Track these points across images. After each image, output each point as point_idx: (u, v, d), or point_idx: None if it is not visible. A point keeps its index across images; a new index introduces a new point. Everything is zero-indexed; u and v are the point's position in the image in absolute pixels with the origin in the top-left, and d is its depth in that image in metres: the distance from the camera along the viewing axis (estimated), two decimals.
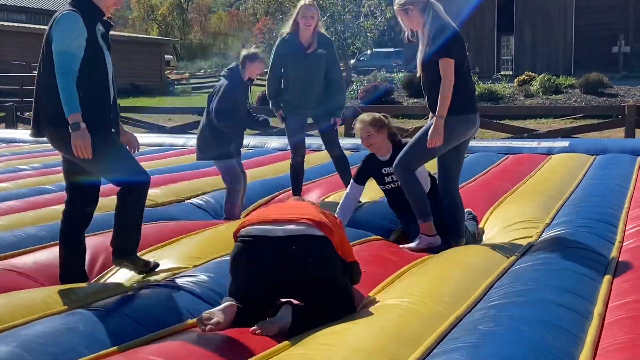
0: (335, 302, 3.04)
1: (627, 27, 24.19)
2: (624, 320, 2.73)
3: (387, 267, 3.90)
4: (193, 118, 16.74)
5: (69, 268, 3.71)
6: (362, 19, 27.05)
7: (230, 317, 2.92)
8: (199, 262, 3.91)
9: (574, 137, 10.85)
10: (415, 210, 4.52)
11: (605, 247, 4.04)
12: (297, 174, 6.05)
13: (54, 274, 3.77)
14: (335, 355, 2.46)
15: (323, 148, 6.50)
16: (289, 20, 5.91)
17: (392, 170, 4.68)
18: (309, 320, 2.92)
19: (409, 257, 4.17)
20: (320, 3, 24.40)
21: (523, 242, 4.31)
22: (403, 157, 4.47)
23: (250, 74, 5.48)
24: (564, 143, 8.87)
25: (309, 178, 6.78)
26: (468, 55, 4.44)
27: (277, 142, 10.34)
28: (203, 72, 43.84)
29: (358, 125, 4.90)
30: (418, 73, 4.47)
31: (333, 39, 6.08)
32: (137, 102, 26.22)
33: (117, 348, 2.77)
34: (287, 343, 2.76)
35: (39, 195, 6.09)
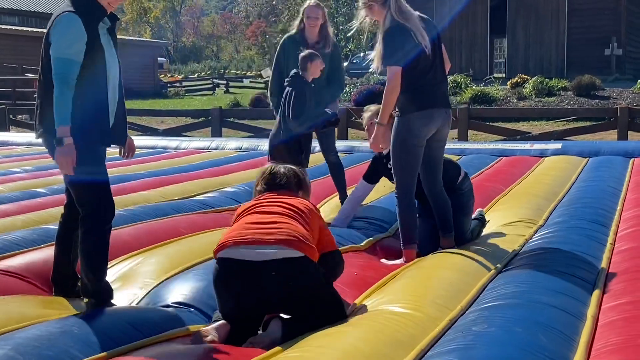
0: (324, 311, 3.03)
1: (619, 29, 24.28)
2: (617, 322, 2.74)
3: (379, 270, 3.90)
4: (186, 120, 16.76)
5: (61, 269, 3.63)
6: (355, 21, 27.06)
7: (224, 335, 2.93)
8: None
9: (567, 139, 10.90)
10: (400, 234, 4.44)
11: (598, 249, 4.05)
12: None
13: (45, 274, 3.74)
14: (330, 358, 2.46)
15: (316, 150, 6.48)
16: (296, 20, 5.93)
17: None
18: (299, 332, 2.91)
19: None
20: None
21: (516, 243, 4.31)
22: (396, 185, 4.40)
23: (314, 74, 5.43)
24: (557, 145, 8.90)
25: None
26: (426, 51, 4.19)
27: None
28: (196, 74, 43.83)
29: (365, 114, 4.83)
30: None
31: None
32: (129, 104, 26.00)
33: (107, 353, 2.75)
34: (279, 348, 2.75)
35: (32, 199, 6.06)
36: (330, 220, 4.96)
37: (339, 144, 6.46)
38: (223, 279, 2.96)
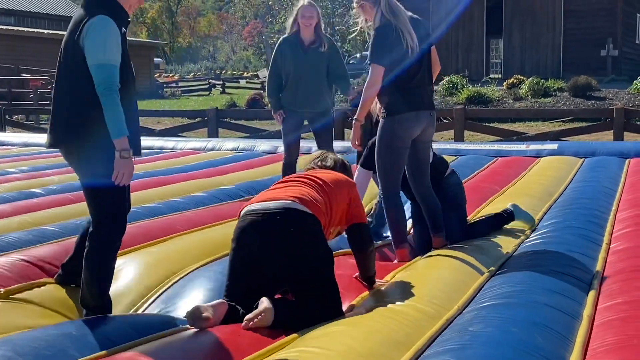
0: (319, 295, 3.08)
1: (615, 30, 24.32)
2: (613, 322, 2.74)
3: (377, 272, 3.90)
4: (182, 121, 16.73)
5: (75, 262, 3.48)
6: (351, 22, 27.11)
7: (220, 314, 2.96)
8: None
9: (563, 140, 10.91)
10: (392, 236, 4.45)
11: (594, 249, 4.06)
12: (289, 173, 6.02)
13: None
14: (326, 358, 2.46)
15: (313, 150, 6.49)
16: (289, 20, 5.94)
17: None
18: (291, 307, 3.00)
19: (399, 265, 4.17)
20: None
21: (512, 244, 4.32)
22: (380, 186, 4.41)
23: None
24: (553, 146, 8.91)
25: None
26: (414, 53, 4.17)
27: (266, 144, 10.35)
28: (192, 75, 43.80)
29: (377, 106, 4.64)
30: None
31: None
32: None
33: (106, 352, 2.76)
34: (278, 344, 2.76)
35: (28, 199, 6.05)
36: None
37: (336, 145, 6.46)
38: (237, 229, 3.17)
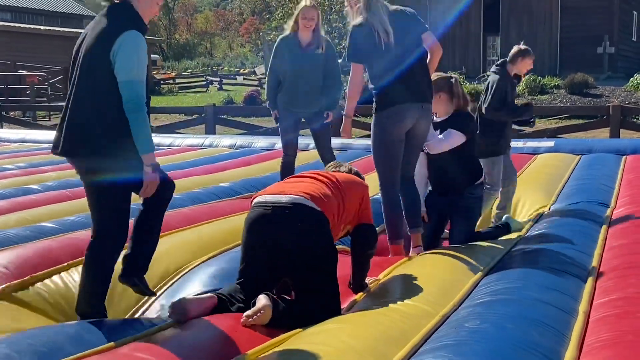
0: (319, 290, 3.12)
1: (611, 28, 24.34)
2: (608, 318, 2.75)
3: (371, 270, 3.91)
4: (179, 118, 16.74)
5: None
6: (348, 19, 27.06)
7: (206, 309, 3.03)
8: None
9: (560, 137, 10.93)
10: (387, 231, 4.44)
11: (590, 245, 4.06)
12: (287, 173, 6.03)
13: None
14: (324, 354, 2.47)
15: (311, 147, 6.49)
16: (290, 20, 5.93)
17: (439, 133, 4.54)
18: (290, 306, 3.02)
19: (394, 260, 4.18)
20: None
21: (508, 240, 4.33)
22: (379, 180, 4.41)
23: (520, 70, 5.35)
24: (550, 143, 8.92)
25: None
26: (389, 49, 4.16)
27: (263, 141, 10.35)
28: (189, 71, 43.74)
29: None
30: None
31: None
32: None
33: (114, 343, 2.77)
34: (275, 341, 2.77)
35: (25, 195, 6.05)
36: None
37: (334, 142, 6.45)
38: (248, 219, 3.26)
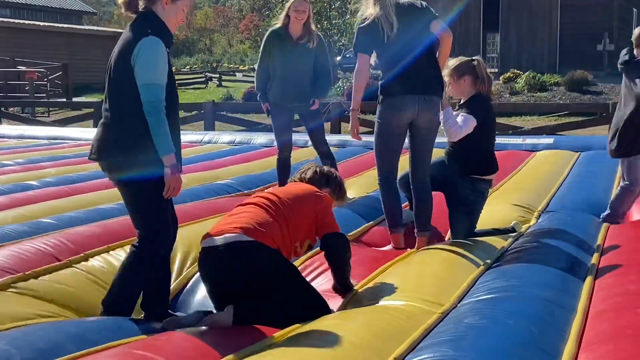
0: (287, 299, 3.15)
1: (611, 25, 24.33)
2: (608, 314, 2.75)
3: (370, 264, 3.91)
4: (180, 114, 16.72)
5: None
6: (348, 16, 27.08)
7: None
8: None
9: (559, 134, 10.92)
10: (386, 220, 4.49)
11: (589, 242, 4.07)
12: (283, 170, 6.05)
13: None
14: (320, 350, 2.47)
15: (309, 144, 6.50)
16: (282, 14, 5.93)
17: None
18: (259, 318, 3.03)
19: (394, 255, 4.18)
20: None
21: (507, 237, 4.32)
22: (377, 170, 4.48)
23: None
24: (549, 140, 8.93)
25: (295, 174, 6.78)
26: (394, 41, 4.20)
27: (263, 138, 10.35)
28: (189, 68, 43.68)
29: (445, 71, 4.49)
30: None
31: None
32: None
33: (103, 346, 2.77)
34: (275, 337, 2.77)
35: (23, 191, 6.05)
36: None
37: (332, 138, 6.47)
38: (198, 264, 3.32)
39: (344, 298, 3.41)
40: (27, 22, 33.28)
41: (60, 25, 34.79)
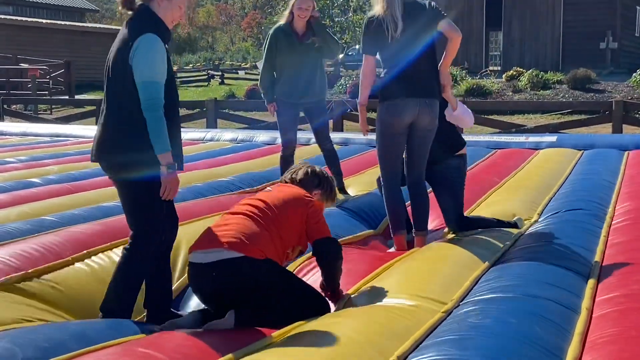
0: (287, 303, 3.13)
1: (614, 23, 24.30)
2: (612, 314, 2.74)
3: (372, 263, 3.91)
4: (181, 111, 16.72)
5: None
6: (350, 14, 27.06)
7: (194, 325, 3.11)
8: None
9: (562, 132, 10.90)
10: (389, 222, 4.50)
11: (592, 241, 4.05)
12: (286, 167, 6.01)
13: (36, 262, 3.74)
14: (323, 347, 2.46)
15: (312, 142, 6.49)
16: (285, 11, 5.92)
17: None
18: (261, 322, 3.01)
19: (395, 255, 4.18)
20: None
21: (510, 236, 4.31)
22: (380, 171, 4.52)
23: None
24: (552, 138, 8.91)
25: None
26: (398, 43, 4.22)
27: (265, 135, 10.33)
28: (191, 65, 43.69)
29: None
30: None
31: None
32: None
33: (105, 344, 2.77)
34: (276, 334, 2.77)
35: (26, 189, 6.04)
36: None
37: (335, 136, 6.46)
38: (189, 278, 3.29)
39: (333, 303, 3.37)
40: (29, 19, 33.28)
41: (63, 23, 34.79)
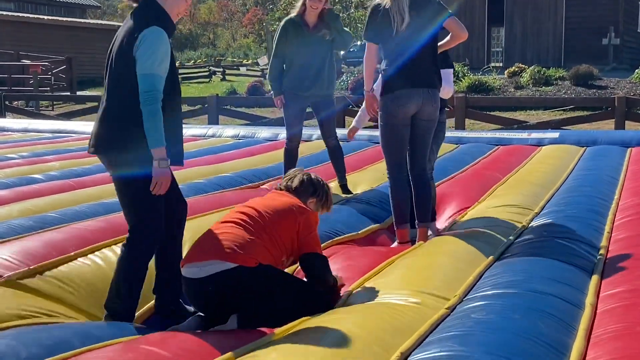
0: (289, 304, 3.13)
1: (617, 19, 24.24)
2: (617, 309, 2.74)
3: (374, 257, 3.90)
4: (182, 108, 16.73)
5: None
6: (352, 10, 27.01)
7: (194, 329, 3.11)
8: None
9: (564, 128, 10.89)
10: (393, 215, 4.50)
11: (596, 237, 4.04)
12: (290, 161, 6.01)
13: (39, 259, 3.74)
14: (327, 343, 2.46)
15: (314, 138, 6.48)
16: (298, 2, 5.89)
17: None
18: (264, 323, 2.99)
19: (398, 250, 4.17)
20: None
21: (513, 231, 4.31)
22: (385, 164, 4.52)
23: None
24: (554, 134, 8.90)
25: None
26: (403, 34, 4.23)
27: (267, 132, 10.33)
28: (192, 62, 43.66)
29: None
30: None
31: None
32: None
33: (110, 342, 2.77)
34: (279, 331, 2.77)
35: (28, 185, 6.04)
36: None
37: (337, 132, 6.44)
38: (185, 293, 3.27)
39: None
40: (31, 15, 33.27)
41: (64, 19, 34.78)
